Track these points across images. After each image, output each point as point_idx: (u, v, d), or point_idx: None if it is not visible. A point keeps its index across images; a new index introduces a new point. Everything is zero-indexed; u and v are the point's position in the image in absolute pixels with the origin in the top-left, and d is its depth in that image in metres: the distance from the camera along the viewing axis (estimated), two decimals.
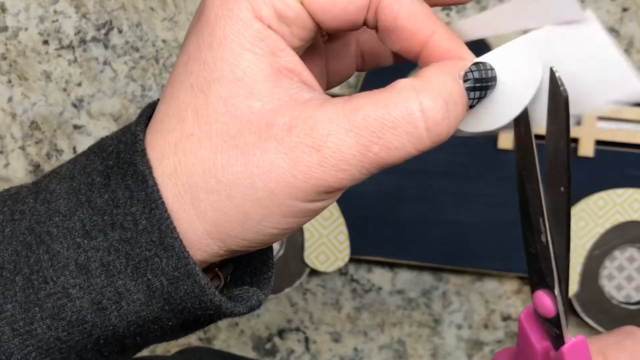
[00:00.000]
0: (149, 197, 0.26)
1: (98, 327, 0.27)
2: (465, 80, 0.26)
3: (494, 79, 0.27)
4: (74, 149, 0.63)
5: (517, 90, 0.27)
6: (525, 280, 0.62)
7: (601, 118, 0.59)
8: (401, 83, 0.26)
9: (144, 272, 0.26)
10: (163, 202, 0.26)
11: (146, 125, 0.28)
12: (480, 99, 0.26)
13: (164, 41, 0.62)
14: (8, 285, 0.27)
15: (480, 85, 0.26)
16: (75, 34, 0.63)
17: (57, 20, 0.63)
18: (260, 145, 0.25)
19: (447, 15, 0.61)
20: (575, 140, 0.59)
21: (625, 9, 0.60)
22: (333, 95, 0.27)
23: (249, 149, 0.25)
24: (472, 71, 0.26)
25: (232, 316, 0.28)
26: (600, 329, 0.59)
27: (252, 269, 0.31)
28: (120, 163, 0.27)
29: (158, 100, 0.28)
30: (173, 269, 0.26)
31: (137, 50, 0.62)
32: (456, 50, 0.27)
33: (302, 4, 0.26)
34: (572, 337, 0.30)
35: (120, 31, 0.62)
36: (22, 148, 0.64)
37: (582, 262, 0.59)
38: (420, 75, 0.26)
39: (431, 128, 0.25)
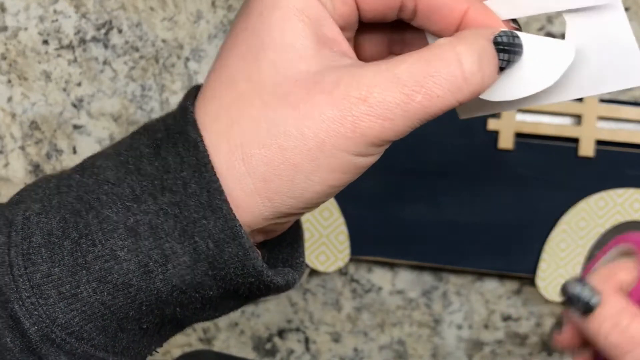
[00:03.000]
0: (199, 161, 0.27)
1: (142, 291, 0.28)
2: (495, 43, 0.28)
3: (520, 45, 0.29)
4: (74, 148, 0.63)
5: (547, 65, 0.29)
6: (525, 280, 0.62)
7: (601, 118, 0.59)
8: (440, 40, 0.28)
9: (191, 234, 0.27)
10: (212, 167, 0.27)
11: (194, 100, 0.29)
12: (508, 61, 0.28)
13: (163, 41, 0.62)
14: (56, 249, 0.28)
15: (508, 49, 0.28)
16: (75, 34, 0.63)
17: (56, 20, 0.63)
18: (310, 99, 0.27)
19: None
20: (576, 140, 0.59)
21: (626, 9, 0.60)
22: None
23: (299, 103, 0.27)
24: (501, 36, 0.28)
25: (270, 290, 0.29)
26: None
27: (284, 255, 0.32)
28: (171, 134, 0.28)
29: (201, 84, 0.30)
30: (219, 231, 0.27)
31: (137, 50, 0.62)
32: (490, 22, 0.29)
33: None
34: None
35: (120, 31, 0.62)
36: (22, 148, 0.64)
37: (582, 262, 0.59)
38: (456, 35, 0.29)
39: (468, 78, 0.27)
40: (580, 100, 0.58)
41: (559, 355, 0.63)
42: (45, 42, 0.63)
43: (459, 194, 0.60)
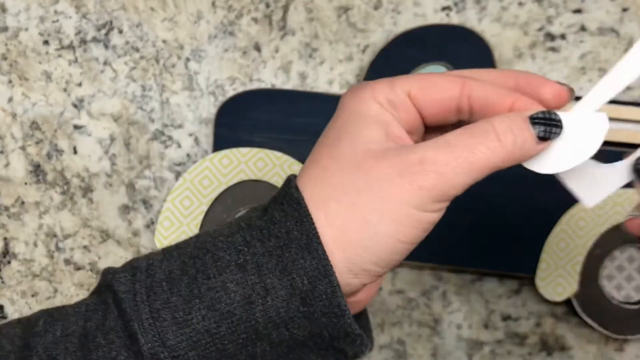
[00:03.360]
0: (301, 214, 0.33)
1: (243, 321, 0.33)
2: (532, 119, 0.34)
3: (557, 120, 0.34)
4: (75, 149, 0.63)
5: (585, 140, 0.34)
6: (524, 280, 0.62)
7: None
8: (479, 121, 0.35)
9: (290, 271, 0.33)
10: (311, 218, 0.33)
11: (294, 177, 0.36)
12: (545, 132, 0.34)
13: (164, 41, 0.62)
14: (175, 283, 0.33)
15: (544, 122, 0.34)
16: (76, 34, 0.63)
17: (57, 21, 0.63)
18: (377, 165, 0.33)
19: (447, 15, 0.61)
20: None
21: (625, 9, 0.60)
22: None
23: (369, 168, 0.33)
24: (537, 113, 0.34)
25: (354, 340, 0.34)
26: (600, 329, 0.59)
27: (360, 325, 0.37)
28: (276, 198, 0.35)
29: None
30: (314, 269, 0.33)
31: (137, 50, 0.63)
32: (533, 108, 0.35)
33: (408, 95, 0.35)
34: None
35: (120, 31, 0.63)
36: (23, 148, 0.64)
37: (582, 262, 0.59)
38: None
39: (502, 140, 0.33)
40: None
41: (559, 353, 0.63)
42: (46, 42, 0.63)
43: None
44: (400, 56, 0.59)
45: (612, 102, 0.59)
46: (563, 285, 0.59)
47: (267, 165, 0.60)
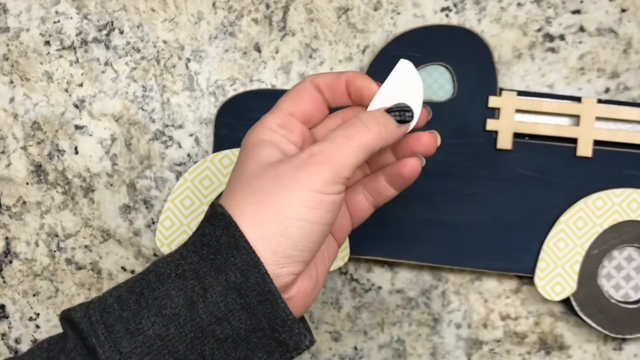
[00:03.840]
0: (226, 222, 0.39)
1: (189, 321, 0.37)
2: (388, 110, 0.44)
3: (407, 106, 0.45)
4: (76, 149, 0.64)
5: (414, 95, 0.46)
6: (523, 279, 0.62)
7: (599, 118, 0.59)
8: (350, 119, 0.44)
9: (223, 269, 0.38)
10: (236, 224, 0.39)
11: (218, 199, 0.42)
12: (401, 116, 0.44)
13: (164, 42, 0.62)
14: (124, 302, 0.38)
15: (397, 110, 0.44)
16: (77, 35, 0.63)
17: (58, 21, 0.63)
18: (277, 168, 0.40)
19: (447, 16, 0.61)
20: (574, 141, 0.59)
21: (624, 10, 0.61)
22: None
23: (271, 172, 0.40)
24: (392, 107, 0.44)
25: (292, 328, 0.39)
26: (599, 328, 0.60)
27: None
28: (204, 220, 0.40)
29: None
30: (244, 263, 0.38)
31: (138, 51, 0.63)
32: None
33: (290, 114, 0.44)
34: None
35: (121, 32, 0.63)
36: (24, 148, 0.64)
37: (581, 262, 0.59)
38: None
39: (368, 126, 0.42)
40: (578, 100, 0.59)
41: (558, 352, 0.63)
42: (47, 43, 0.63)
43: (458, 193, 0.60)
44: (399, 57, 0.59)
45: (610, 102, 0.59)
46: (562, 285, 0.59)
47: None
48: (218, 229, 0.39)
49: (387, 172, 0.47)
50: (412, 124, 0.45)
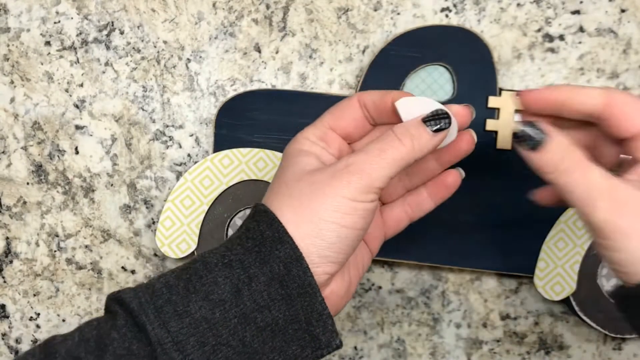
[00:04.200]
0: (269, 218, 0.42)
1: (234, 306, 0.40)
2: (424, 120, 0.44)
3: (445, 113, 0.45)
4: (76, 149, 0.64)
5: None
6: (523, 279, 0.62)
7: None
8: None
9: (267, 261, 0.40)
10: (279, 220, 0.41)
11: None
12: (437, 124, 0.45)
13: (165, 42, 0.63)
14: (172, 287, 0.40)
15: (433, 118, 0.44)
16: (77, 35, 0.63)
17: (59, 22, 0.63)
18: (315, 176, 0.43)
19: (447, 16, 0.61)
20: None
21: (623, 10, 0.61)
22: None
23: (309, 179, 0.43)
24: (428, 115, 0.45)
25: (326, 323, 0.41)
26: (598, 328, 0.60)
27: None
28: (248, 217, 0.43)
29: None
30: (287, 256, 0.40)
31: (138, 51, 0.63)
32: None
33: (329, 128, 0.46)
34: None
35: (121, 32, 0.63)
36: (25, 148, 0.64)
37: (580, 262, 0.59)
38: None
39: (401, 139, 0.43)
40: None
41: (557, 352, 0.63)
42: (48, 43, 0.63)
43: (458, 193, 0.60)
44: (399, 57, 0.60)
45: None
46: (561, 285, 0.59)
47: (267, 165, 0.60)
48: (262, 224, 0.41)
49: (429, 185, 0.50)
50: (450, 132, 0.46)
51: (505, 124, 0.59)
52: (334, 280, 0.44)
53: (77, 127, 0.64)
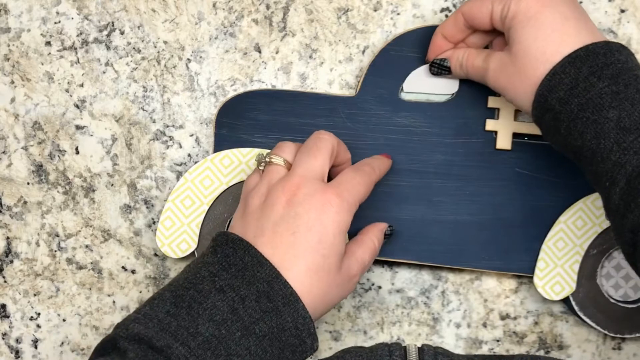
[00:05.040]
0: (245, 246, 0.48)
1: (235, 321, 0.46)
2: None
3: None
4: (77, 149, 0.64)
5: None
6: (523, 279, 0.62)
7: None
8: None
9: (253, 282, 0.47)
10: (254, 247, 0.48)
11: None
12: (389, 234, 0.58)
13: (165, 42, 0.63)
14: (178, 316, 0.46)
15: (389, 234, 0.59)
16: (78, 35, 0.63)
17: (59, 22, 0.63)
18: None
19: (447, 16, 0.61)
20: None
21: (623, 10, 0.61)
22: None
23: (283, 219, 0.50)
24: (385, 230, 0.59)
25: (308, 326, 0.48)
26: (598, 327, 0.60)
27: None
28: (221, 244, 0.49)
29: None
30: (268, 275, 0.47)
31: (138, 51, 0.63)
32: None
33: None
34: None
35: (122, 32, 0.63)
36: (25, 148, 0.64)
37: (580, 262, 0.59)
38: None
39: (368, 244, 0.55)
40: None
41: (557, 352, 0.63)
42: (48, 43, 0.63)
43: (458, 193, 0.60)
44: (399, 57, 0.60)
45: None
46: (561, 285, 0.59)
47: None
48: (239, 251, 0.48)
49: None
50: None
51: (505, 124, 0.59)
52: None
53: (78, 127, 0.64)
